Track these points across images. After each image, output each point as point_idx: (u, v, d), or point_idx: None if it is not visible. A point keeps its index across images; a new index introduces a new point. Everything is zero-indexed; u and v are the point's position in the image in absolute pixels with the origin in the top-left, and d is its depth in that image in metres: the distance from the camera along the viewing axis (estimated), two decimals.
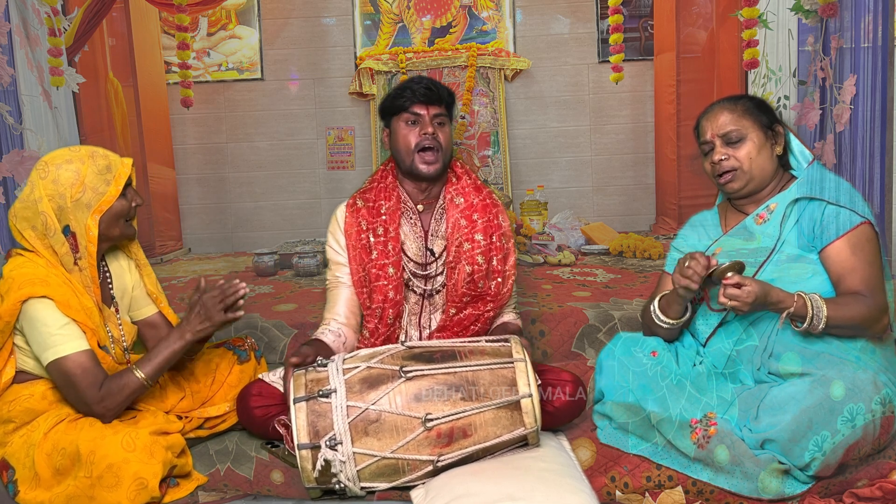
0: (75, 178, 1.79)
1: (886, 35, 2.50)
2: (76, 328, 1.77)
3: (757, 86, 3.23)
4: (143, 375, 1.80)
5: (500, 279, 2.12)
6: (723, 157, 1.91)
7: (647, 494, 1.82)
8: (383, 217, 2.11)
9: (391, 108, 2.12)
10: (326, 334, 2.06)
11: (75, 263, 1.81)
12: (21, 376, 1.86)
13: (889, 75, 2.51)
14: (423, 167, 2.08)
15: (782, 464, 1.70)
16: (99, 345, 1.84)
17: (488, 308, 2.11)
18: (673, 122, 4.44)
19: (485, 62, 4.57)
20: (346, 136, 4.85)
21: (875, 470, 1.74)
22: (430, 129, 2.06)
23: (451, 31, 4.80)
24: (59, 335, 1.75)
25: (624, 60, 4.48)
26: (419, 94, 2.07)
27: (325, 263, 3.53)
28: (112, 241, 1.91)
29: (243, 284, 1.83)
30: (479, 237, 2.10)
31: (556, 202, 4.65)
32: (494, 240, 2.12)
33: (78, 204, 1.79)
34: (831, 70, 2.71)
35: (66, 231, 1.80)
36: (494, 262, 2.11)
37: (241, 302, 1.83)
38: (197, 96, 4.67)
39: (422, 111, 2.07)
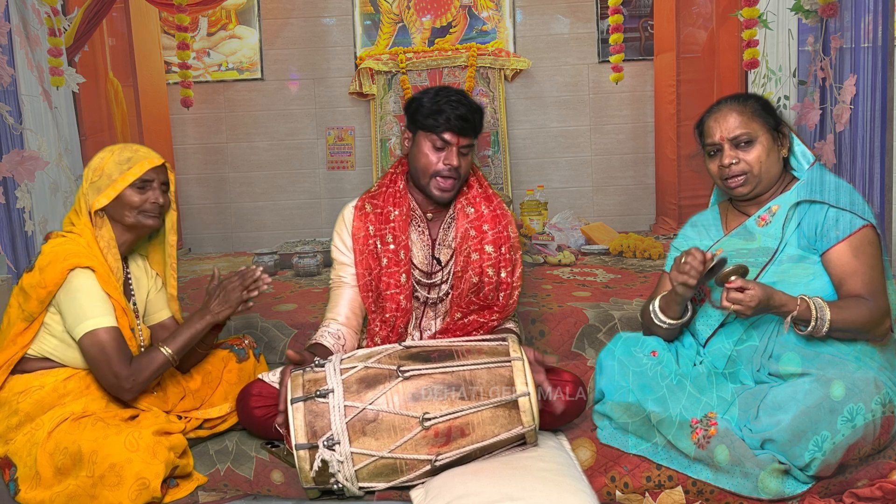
0: (99, 164, 1.95)
1: (886, 35, 2.50)
2: (111, 305, 1.87)
3: (757, 86, 3.23)
4: (169, 351, 1.89)
5: (507, 291, 2.11)
6: (733, 161, 1.88)
7: (647, 494, 1.82)
8: (392, 224, 2.08)
9: (422, 124, 2.04)
10: (326, 337, 2.05)
11: (105, 246, 1.93)
12: (32, 364, 1.89)
13: (889, 75, 2.50)
14: (437, 193, 2.05)
15: (782, 464, 1.70)
16: (129, 327, 1.92)
17: (493, 318, 2.11)
18: (673, 122, 4.43)
19: (485, 62, 4.57)
20: (346, 136, 4.85)
21: (875, 470, 1.74)
22: (454, 162, 2.01)
23: (451, 31, 4.80)
24: (98, 307, 1.84)
25: (624, 60, 4.47)
26: (455, 125, 2.00)
27: (325, 263, 3.56)
28: (131, 230, 1.96)
29: (261, 269, 1.97)
30: (489, 248, 2.09)
31: (556, 202, 4.64)
32: (503, 251, 2.10)
33: (94, 186, 1.94)
34: (831, 70, 2.71)
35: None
36: (503, 275, 2.10)
37: (258, 291, 1.96)
38: (197, 96, 4.67)
39: (452, 140, 2.01)
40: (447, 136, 2.01)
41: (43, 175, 3.04)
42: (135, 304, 2.04)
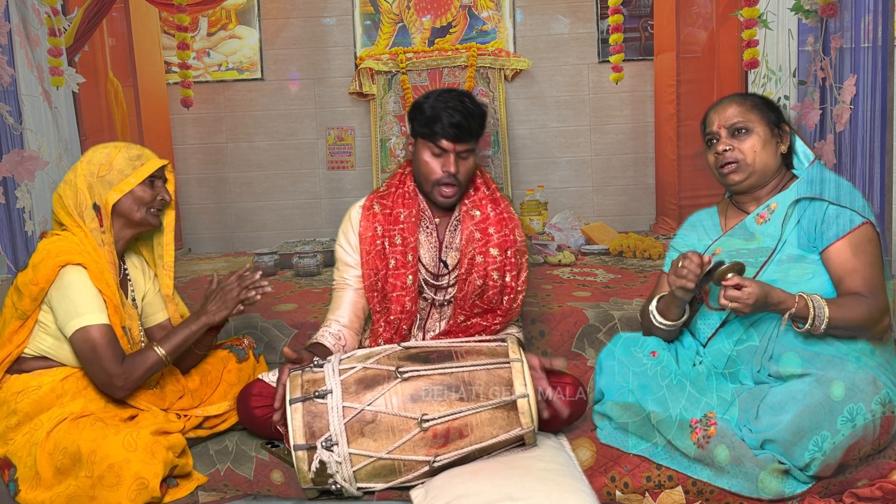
0: (105, 159, 1.95)
1: (886, 35, 2.50)
2: (102, 302, 1.86)
3: (757, 86, 3.23)
4: (163, 352, 1.88)
5: (511, 295, 2.10)
6: (727, 148, 1.91)
7: (647, 494, 1.82)
8: (401, 226, 2.07)
9: (420, 131, 2.03)
10: (327, 337, 2.05)
11: (103, 243, 1.92)
12: (30, 363, 1.89)
13: (889, 75, 2.50)
14: (440, 199, 2.06)
15: (782, 464, 1.70)
16: (121, 325, 1.92)
17: (496, 321, 2.10)
18: (673, 122, 4.43)
19: (485, 62, 4.56)
20: (346, 136, 4.85)
21: (875, 470, 1.74)
22: (452, 169, 2.01)
23: (451, 31, 4.80)
24: (89, 304, 1.84)
25: (624, 60, 4.47)
26: (449, 132, 1.97)
27: (325, 263, 3.56)
28: (135, 226, 1.98)
29: (259, 273, 1.97)
30: (494, 252, 2.07)
31: (556, 202, 4.65)
32: (509, 255, 2.09)
33: (102, 180, 1.93)
34: (831, 70, 2.71)
35: (95, 207, 1.93)
36: (508, 279, 2.09)
37: (255, 294, 1.95)
38: (197, 96, 4.67)
39: (449, 147, 2.00)
40: (444, 143, 2.00)
41: (43, 175, 3.05)
42: (134, 300, 2.04)
